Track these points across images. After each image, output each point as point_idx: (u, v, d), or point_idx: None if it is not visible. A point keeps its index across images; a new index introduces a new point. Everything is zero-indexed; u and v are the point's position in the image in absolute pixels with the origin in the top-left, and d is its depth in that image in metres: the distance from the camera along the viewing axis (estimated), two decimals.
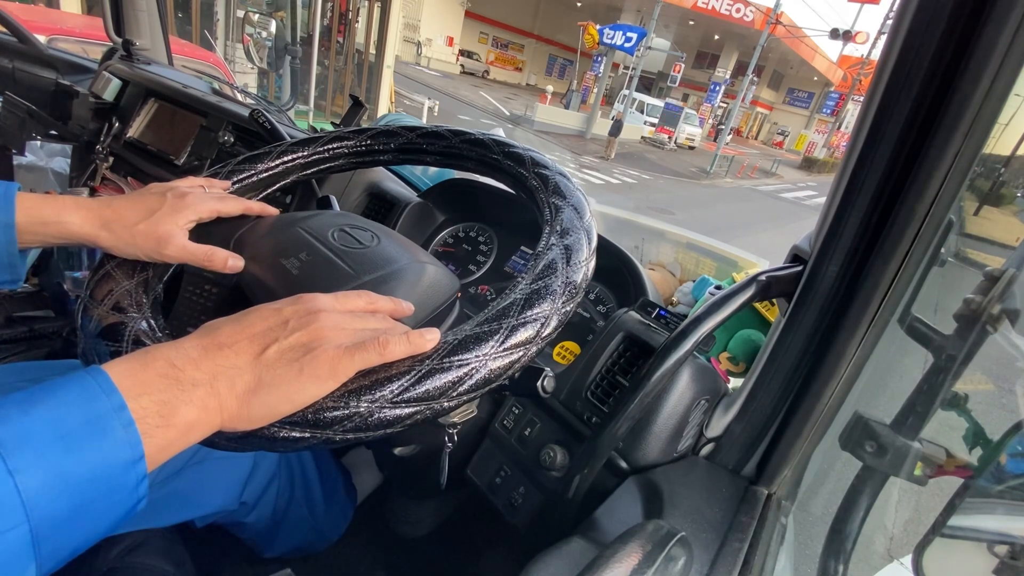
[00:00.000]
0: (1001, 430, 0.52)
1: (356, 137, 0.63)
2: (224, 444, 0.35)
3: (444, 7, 25.74)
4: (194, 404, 0.31)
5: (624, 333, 0.66)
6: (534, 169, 0.52)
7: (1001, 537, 0.54)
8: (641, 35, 15.20)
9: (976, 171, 0.41)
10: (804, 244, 0.53)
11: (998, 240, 0.62)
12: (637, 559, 0.39)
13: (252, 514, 0.80)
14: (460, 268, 0.95)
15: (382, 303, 0.41)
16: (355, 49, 7.29)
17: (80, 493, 0.27)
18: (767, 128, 34.82)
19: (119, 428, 0.28)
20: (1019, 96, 0.38)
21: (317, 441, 0.34)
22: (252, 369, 0.34)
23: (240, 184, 0.59)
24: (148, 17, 1.59)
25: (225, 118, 1.18)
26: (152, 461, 0.30)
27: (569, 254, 0.43)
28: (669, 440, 0.58)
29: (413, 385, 0.35)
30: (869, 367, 0.52)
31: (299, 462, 0.89)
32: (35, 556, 0.26)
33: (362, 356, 0.35)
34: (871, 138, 0.43)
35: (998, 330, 0.51)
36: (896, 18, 0.41)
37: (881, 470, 0.56)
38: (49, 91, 1.57)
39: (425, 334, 0.37)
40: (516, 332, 0.38)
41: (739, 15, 20.26)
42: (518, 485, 0.67)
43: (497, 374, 0.37)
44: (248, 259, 0.49)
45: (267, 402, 0.33)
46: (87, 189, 1.34)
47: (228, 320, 0.36)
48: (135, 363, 0.31)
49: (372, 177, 1.05)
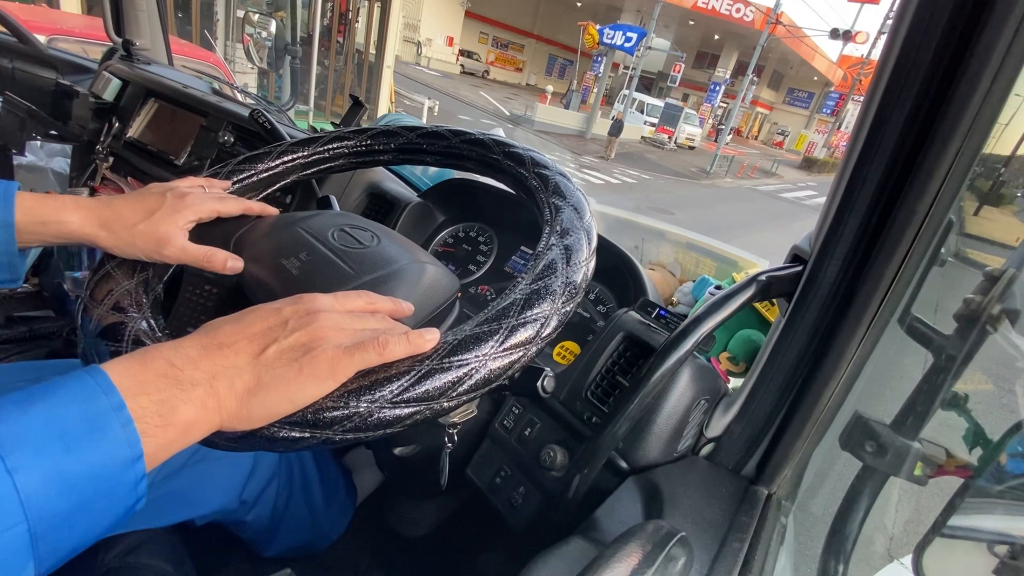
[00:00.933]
0: (1001, 430, 0.52)
1: (356, 137, 0.63)
2: (224, 444, 0.35)
3: (444, 7, 25.73)
4: (193, 403, 0.31)
5: (624, 333, 0.66)
6: (534, 169, 0.52)
7: (1001, 537, 0.54)
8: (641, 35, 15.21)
9: (976, 171, 0.41)
10: (804, 244, 0.53)
11: (998, 240, 0.62)
12: (637, 559, 0.39)
13: (251, 512, 0.80)
14: (460, 268, 0.95)
15: (382, 303, 0.41)
16: (355, 49, 7.29)
17: (79, 492, 0.27)
18: (767, 128, 34.82)
19: (118, 427, 0.28)
20: (1019, 96, 0.38)
21: (317, 441, 0.34)
22: (251, 369, 0.34)
23: (240, 184, 0.59)
24: (148, 17, 1.59)
25: (225, 118, 1.18)
26: (151, 460, 0.30)
27: (569, 254, 0.43)
28: (669, 440, 0.58)
29: (413, 385, 0.35)
30: (869, 367, 0.52)
31: (299, 461, 0.89)
32: (33, 555, 0.26)
33: (361, 356, 0.35)
34: (871, 138, 0.43)
35: (998, 330, 0.51)
36: (896, 17, 0.41)
37: (881, 470, 0.56)
38: (49, 91, 1.57)
39: (425, 334, 0.37)
40: (516, 332, 0.38)
41: (739, 15, 20.26)
42: (518, 485, 0.67)
43: (497, 374, 0.37)
44: (248, 259, 0.49)
45: (266, 402, 0.33)
46: (87, 189, 1.34)
47: (228, 320, 0.36)
48: (134, 363, 0.31)
49: (372, 177, 1.05)
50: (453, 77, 24.16)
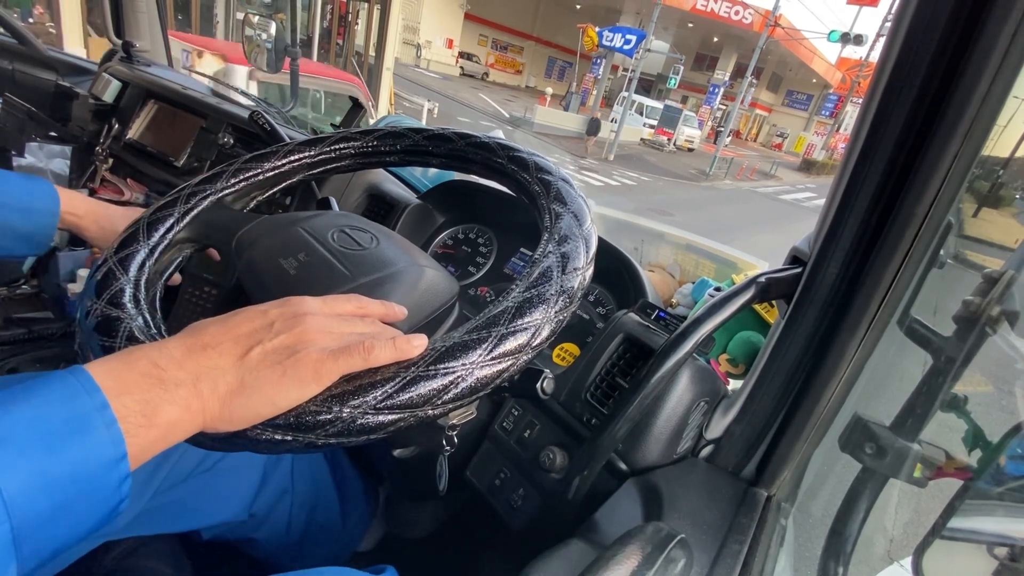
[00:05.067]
0: (1000, 432, 0.52)
1: (363, 138, 0.62)
2: (209, 444, 0.35)
3: (444, 9, 25.72)
4: (177, 404, 0.31)
5: (624, 335, 0.66)
6: (537, 174, 0.52)
7: (1001, 539, 0.54)
8: (640, 37, 15.21)
9: (975, 172, 0.41)
10: (803, 246, 0.53)
11: (997, 242, 0.62)
12: (637, 561, 0.39)
13: (262, 530, 0.77)
14: (460, 270, 0.95)
15: (372, 307, 0.41)
16: (355, 51, 7.28)
17: (62, 492, 0.27)
18: (766, 130, 34.84)
19: (101, 427, 0.28)
20: (1018, 98, 0.38)
21: (299, 445, 0.34)
22: (235, 370, 0.33)
23: (246, 182, 0.59)
24: (148, 19, 1.59)
25: (225, 120, 1.18)
26: (134, 460, 0.30)
27: (565, 262, 0.42)
28: (669, 442, 0.58)
29: (397, 392, 0.34)
30: (868, 369, 0.52)
31: (313, 476, 0.84)
32: (16, 555, 0.25)
33: (346, 360, 0.34)
34: (870, 139, 0.43)
35: (997, 332, 0.51)
36: (895, 18, 0.41)
37: (881, 472, 0.55)
38: (49, 93, 1.57)
39: (412, 340, 0.36)
40: (505, 341, 0.37)
41: (738, 17, 20.30)
42: (517, 487, 0.67)
43: (484, 383, 0.37)
44: (248, 258, 0.49)
45: (248, 404, 0.33)
46: (86, 190, 1.34)
47: (214, 321, 0.36)
48: (118, 363, 0.31)
49: (372, 178, 1.05)
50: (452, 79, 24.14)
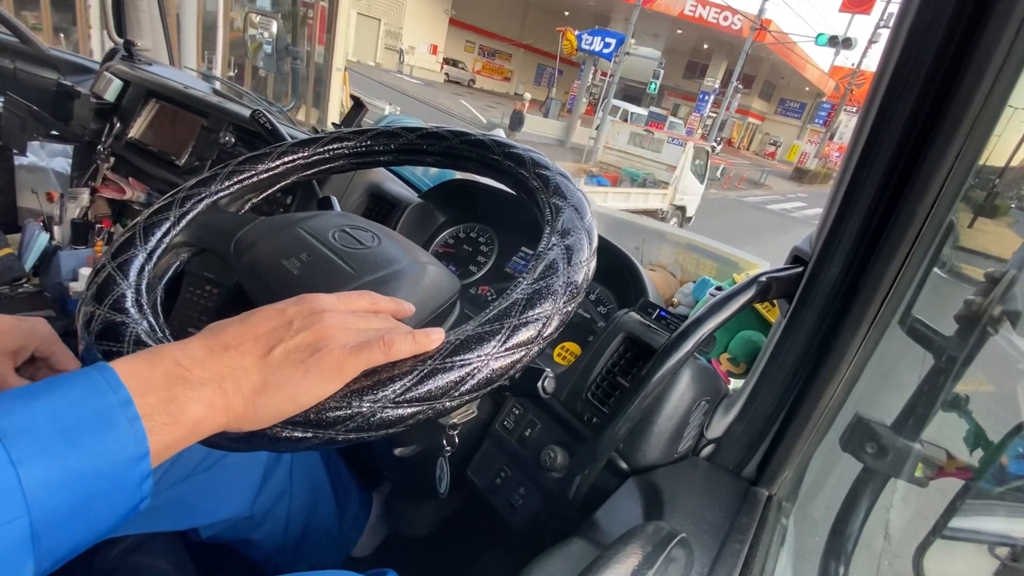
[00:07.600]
0: (1002, 432, 0.52)
1: (356, 138, 0.63)
2: (226, 444, 0.35)
3: (428, 15, 25.25)
4: (202, 402, 0.31)
5: (625, 334, 0.66)
6: (535, 170, 0.52)
7: (1002, 539, 0.54)
8: (620, 41, 14.96)
9: (976, 172, 0.41)
10: (804, 245, 0.53)
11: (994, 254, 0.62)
12: (637, 560, 0.39)
13: (260, 531, 0.77)
14: (461, 269, 0.95)
15: (384, 303, 0.41)
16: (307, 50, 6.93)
17: (82, 487, 0.27)
18: (759, 138, 34.43)
19: (124, 423, 0.28)
20: (1014, 107, 0.38)
21: (320, 441, 0.34)
22: (258, 370, 0.33)
23: (241, 184, 0.59)
24: (149, 18, 1.60)
25: (226, 119, 1.18)
26: (156, 459, 0.30)
27: (570, 254, 0.43)
28: (669, 441, 0.58)
29: (415, 385, 0.35)
30: (870, 368, 0.52)
31: (311, 478, 0.85)
32: (34, 552, 0.25)
33: (367, 355, 0.35)
34: (872, 139, 0.43)
35: (999, 332, 0.51)
36: (896, 20, 0.41)
37: (882, 471, 0.56)
38: (50, 91, 1.57)
39: (430, 333, 0.37)
40: (518, 332, 0.38)
41: (727, 23, 20.06)
42: (518, 486, 0.67)
43: (499, 374, 0.37)
44: (249, 259, 0.49)
45: (272, 403, 0.33)
46: (88, 189, 1.34)
47: (232, 321, 0.36)
48: (141, 362, 0.31)
49: (373, 178, 1.05)
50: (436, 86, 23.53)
